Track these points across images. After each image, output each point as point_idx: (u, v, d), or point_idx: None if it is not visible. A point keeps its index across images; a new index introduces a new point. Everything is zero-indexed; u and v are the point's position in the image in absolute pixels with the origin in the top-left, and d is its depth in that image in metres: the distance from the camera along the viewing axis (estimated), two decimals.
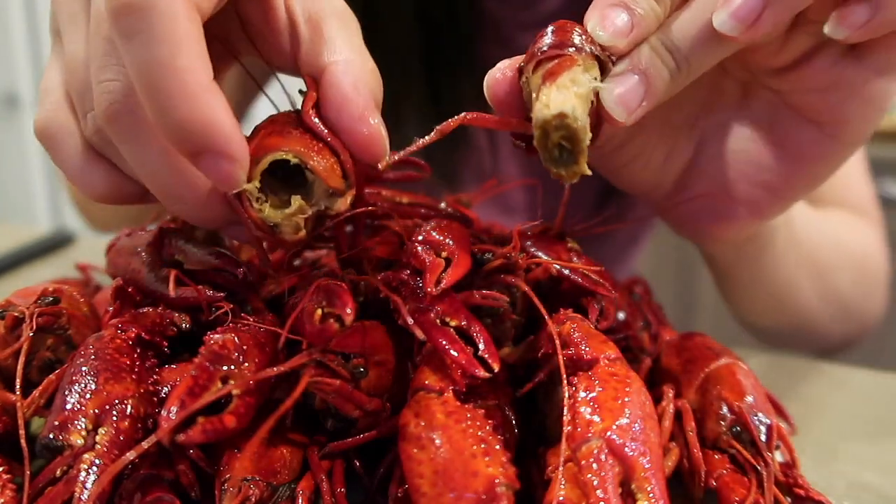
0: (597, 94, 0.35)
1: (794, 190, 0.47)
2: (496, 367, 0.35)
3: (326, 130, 0.37)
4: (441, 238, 0.40)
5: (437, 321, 0.36)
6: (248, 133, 0.37)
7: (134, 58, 0.31)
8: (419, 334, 0.35)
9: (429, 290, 0.36)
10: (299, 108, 0.39)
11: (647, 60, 0.36)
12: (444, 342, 0.35)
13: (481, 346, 0.35)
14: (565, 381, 0.34)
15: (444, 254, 0.39)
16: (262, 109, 0.50)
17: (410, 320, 0.36)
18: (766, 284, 0.64)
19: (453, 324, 0.36)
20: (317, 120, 0.38)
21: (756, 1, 0.34)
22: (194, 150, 0.32)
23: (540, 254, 0.44)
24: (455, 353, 0.34)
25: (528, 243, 0.45)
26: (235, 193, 0.35)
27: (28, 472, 0.35)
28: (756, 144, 0.46)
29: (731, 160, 0.46)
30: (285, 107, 0.41)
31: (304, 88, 0.39)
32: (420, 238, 0.40)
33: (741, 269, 0.61)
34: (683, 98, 0.46)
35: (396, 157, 0.38)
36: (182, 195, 0.36)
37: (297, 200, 0.36)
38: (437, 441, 0.32)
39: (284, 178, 0.37)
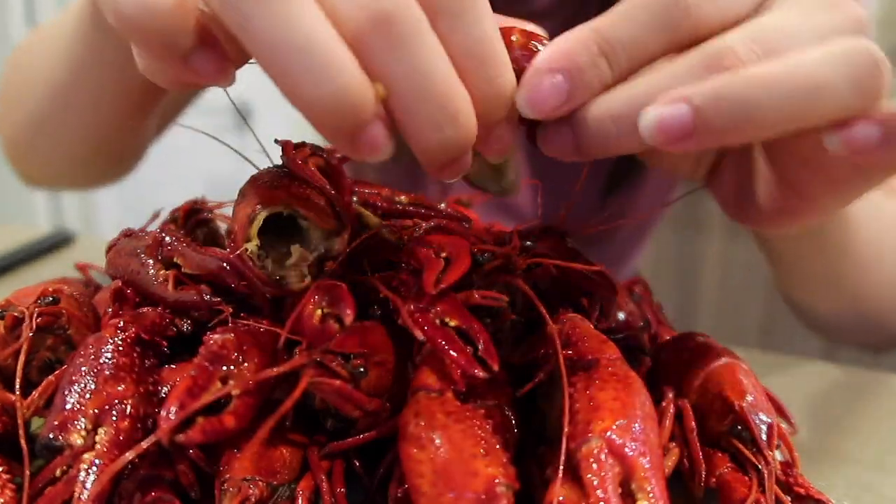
0: None
1: (854, 193, 0.40)
2: (496, 368, 0.35)
3: (313, 174, 0.39)
4: (441, 238, 0.40)
5: (437, 321, 0.36)
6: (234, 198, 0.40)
7: (463, 30, 0.32)
8: (418, 334, 0.35)
9: (428, 289, 0.36)
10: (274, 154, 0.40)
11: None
12: (443, 342, 0.35)
13: (481, 347, 0.35)
14: (566, 381, 0.34)
15: (443, 254, 0.39)
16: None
17: (409, 320, 0.36)
18: (828, 268, 0.60)
19: (453, 324, 0.36)
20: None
21: (684, 124, 0.31)
22: (501, 117, 0.34)
23: (540, 254, 0.44)
24: (454, 353, 0.34)
25: (529, 243, 0.45)
26: (237, 255, 0.37)
27: (28, 472, 0.35)
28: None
29: (788, 150, 0.41)
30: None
31: (279, 138, 0.42)
32: (419, 238, 0.40)
33: (801, 251, 0.58)
34: None
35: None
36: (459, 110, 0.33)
37: (297, 250, 0.38)
38: (437, 441, 0.32)
39: (280, 231, 0.38)
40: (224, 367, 0.35)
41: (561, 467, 0.31)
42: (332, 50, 0.29)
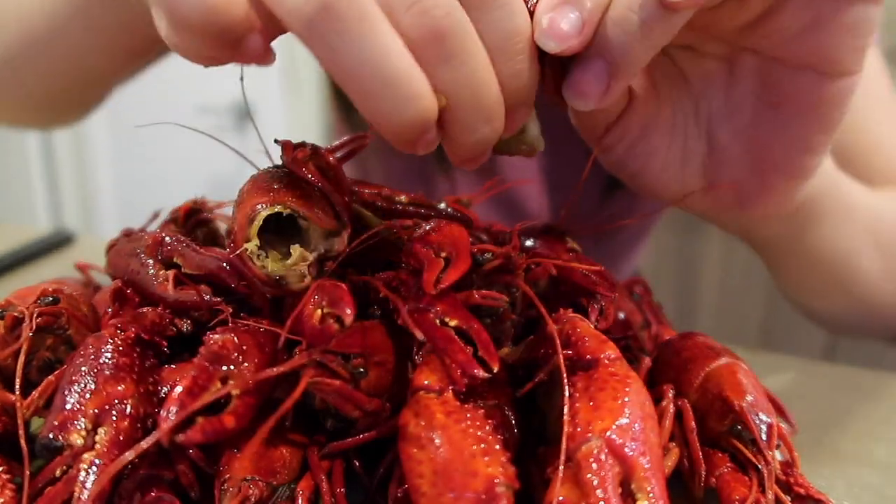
0: None
1: (816, 140, 0.45)
2: (495, 368, 0.34)
3: (313, 174, 0.40)
4: (440, 238, 0.40)
5: (437, 321, 0.36)
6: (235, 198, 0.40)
7: (497, 25, 0.34)
8: (418, 334, 0.35)
9: (428, 289, 0.36)
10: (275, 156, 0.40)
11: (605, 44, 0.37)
12: (443, 342, 0.35)
13: (480, 347, 0.35)
14: (565, 381, 0.34)
15: (443, 254, 0.39)
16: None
17: (409, 320, 0.36)
18: (822, 263, 0.61)
19: (452, 323, 0.36)
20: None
21: None
22: (525, 102, 0.37)
23: (540, 253, 0.44)
24: (454, 353, 0.34)
25: (528, 243, 0.45)
26: (237, 254, 0.37)
27: (27, 472, 0.35)
28: (762, 111, 0.45)
29: (745, 136, 0.46)
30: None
31: (279, 138, 0.42)
32: (419, 238, 0.40)
33: (793, 248, 0.59)
34: (676, 97, 0.46)
35: None
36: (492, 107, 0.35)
37: (296, 250, 0.37)
38: (437, 441, 0.32)
39: (279, 231, 0.38)
40: (224, 367, 0.35)
41: (561, 467, 0.31)
42: (413, 79, 0.32)
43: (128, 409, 0.35)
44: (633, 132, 0.46)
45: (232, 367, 0.35)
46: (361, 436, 0.39)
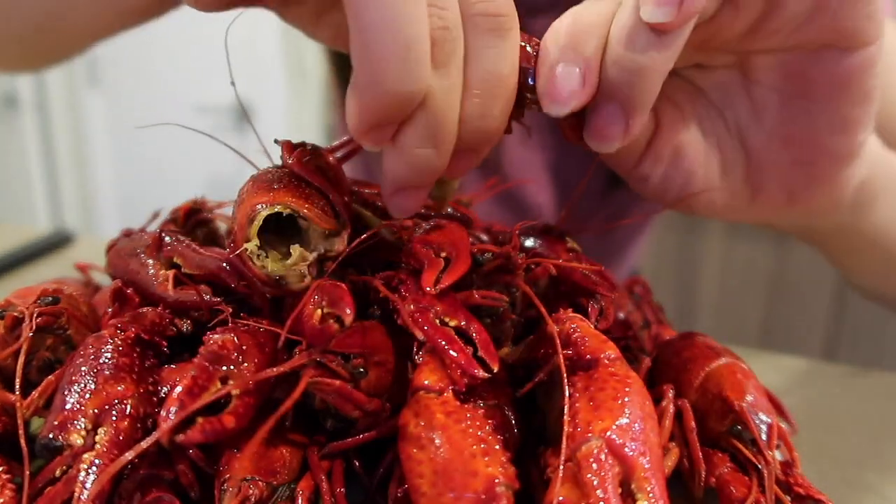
0: None
1: (854, 116, 0.44)
2: (495, 368, 0.35)
3: (313, 174, 0.40)
4: (440, 238, 0.40)
5: (437, 321, 0.36)
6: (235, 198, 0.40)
7: (482, 61, 0.35)
8: (418, 334, 0.35)
9: (427, 289, 0.36)
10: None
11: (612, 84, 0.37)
12: (442, 342, 0.35)
13: (480, 347, 0.35)
14: (565, 381, 0.34)
15: (442, 253, 0.39)
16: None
17: (409, 320, 0.36)
18: (884, 243, 0.60)
19: (452, 323, 0.36)
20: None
21: None
22: (481, 148, 0.38)
23: (540, 254, 0.44)
24: (454, 353, 0.34)
25: (528, 243, 0.45)
26: (237, 254, 0.37)
27: (27, 472, 0.35)
28: (791, 103, 0.44)
29: (780, 133, 0.45)
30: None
31: (279, 138, 0.42)
32: (418, 238, 0.40)
33: (852, 234, 0.58)
34: (700, 113, 0.46)
35: None
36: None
37: (296, 250, 0.37)
38: (437, 441, 0.32)
39: (279, 231, 0.38)
40: (224, 367, 0.35)
41: (561, 467, 0.31)
42: (426, 56, 0.32)
43: (128, 409, 0.35)
44: (666, 157, 0.45)
45: (232, 367, 0.35)
46: (361, 436, 0.39)
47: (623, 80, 0.36)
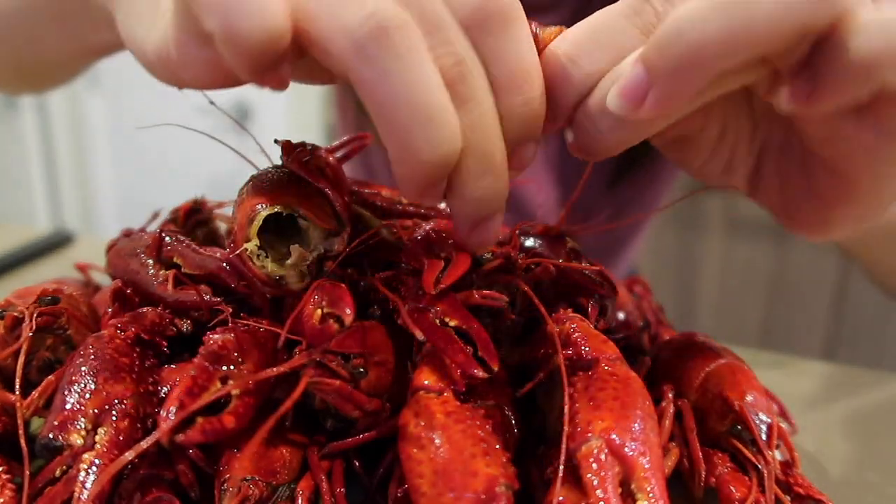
0: None
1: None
2: (495, 367, 0.35)
3: (313, 174, 0.40)
4: (439, 238, 0.40)
5: (436, 321, 0.36)
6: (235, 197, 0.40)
7: (507, 58, 0.33)
8: (418, 334, 0.35)
9: (428, 289, 0.36)
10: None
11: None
12: (442, 342, 0.35)
13: (480, 347, 0.35)
14: (566, 381, 0.34)
15: (442, 254, 0.39)
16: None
17: (409, 320, 0.36)
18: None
19: (452, 324, 0.36)
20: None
21: (639, 80, 0.31)
22: (532, 136, 0.35)
23: (540, 254, 0.44)
24: (454, 354, 0.34)
25: (529, 243, 0.45)
26: (237, 254, 0.37)
27: (27, 472, 0.35)
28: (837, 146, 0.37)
29: (798, 173, 0.40)
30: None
31: (278, 138, 0.42)
32: (419, 239, 0.40)
33: (871, 244, 0.57)
34: (731, 115, 0.41)
35: None
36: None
37: (296, 250, 0.37)
38: (437, 441, 0.32)
39: (279, 231, 0.38)
40: (224, 367, 0.35)
41: (561, 467, 0.31)
42: (450, 117, 0.31)
43: (128, 409, 0.35)
44: (668, 139, 0.42)
45: (232, 367, 0.35)
46: (361, 436, 0.39)
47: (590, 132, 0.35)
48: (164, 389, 0.39)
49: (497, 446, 0.32)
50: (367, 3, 0.29)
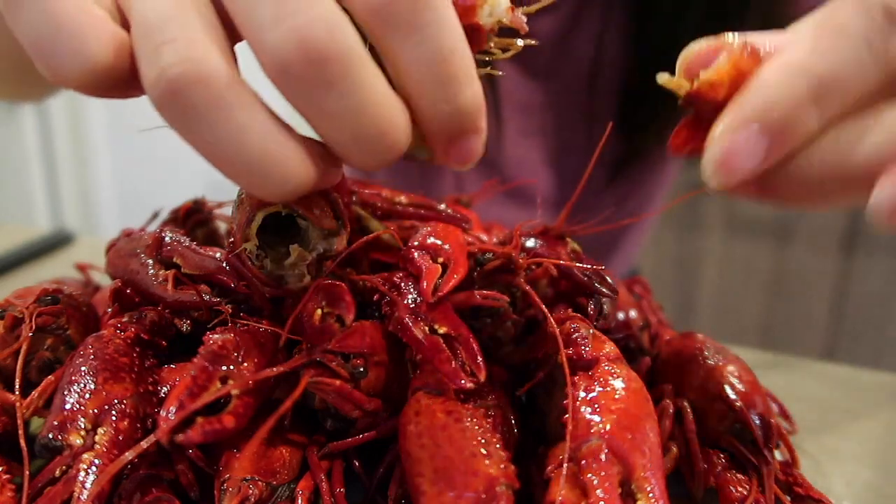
0: None
1: None
2: (481, 378, 0.34)
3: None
4: (438, 242, 0.40)
5: (426, 328, 0.35)
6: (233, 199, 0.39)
7: (428, 46, 0.29)
8: (406, 339, 0.36)
9: (426, 298, 0.36)
10: None
11: None
12: (429, 352, 0.35)
13: (462, 357, 0.35)
14: (569, 381, 0.34)
15: (440, 259, 0.39)
16: None
17: (398, 327, 0.36)
18: None
19: (441, 331, 0.35)
20: None
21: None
22: (461, 131, 0.31)
23: (540, 254, 0.44)
24: (440, 363, 0.34)
25: (529, 243, 0.45)
26: (236, 254, 0.37)
27: (27, 472, 0.35)
28: None
29: None
30: None
31: None
32: (416, 243, 0.40)
33: None
34: None
35: None
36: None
37: (295, 250, 0.37)
38: (437, 440, 0.32)
39: (279, 231, 0.38)
40: (224, 367, 0.35)
41: (565, 465, 0.31)
42: (277, 160, 0.29)
43: (127, 409, 0.35)
44: None
45: (232, 367, 0.35)
46: (361, 436, 0.39)
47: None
48: (164, 389, 0.39)
49: (497, 446, 0.32)
50: (177, 48, 0.27)
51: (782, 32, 0.31)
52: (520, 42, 0.36)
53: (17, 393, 0.39)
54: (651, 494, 0.30)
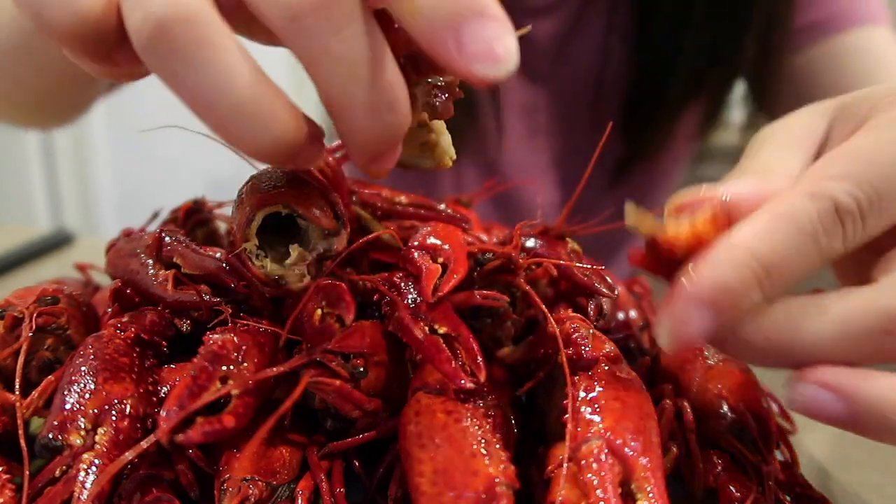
0: None
1: None
2: (481, 378, 0.34)
3: (312, 174, 0.39)
4: (437, 243, 0.40)
5: (426, 328, 0.36)
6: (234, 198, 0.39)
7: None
8: (406, 339, 0.36)
9: (427, 298, 0.36)
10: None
11: None
12: (429, 352, 0.35)
13: (462, 357, 0.35)
14: (569, 381, 0.34)
15: (440, 259, 0.39)
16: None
17: (398, 327, 0.36)
18: None
19: (441, 331, 0.35)
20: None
21: (837, 415, 0.30)
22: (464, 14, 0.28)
23: (540, 254, 0.44)
24: (440, 364, 0.34)
25: (529, 243, 0.45)
26: (236, 254, 0.37)
27: (27, 472, 0.35)
28: None
29: None
30: None
31: None
32: (416, 243, 0.40)
33: None
34: None
35: None
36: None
37: (295, 250, 0.37)
38: (437, 440, 0.32)
39: (279, 231, 0.38)
40: (224, 367, 0.35)
41: (563, 467, 0.31)
42: (271, 105, 0.28)
43: (127, 409, 0.35)
44: None
45: (232, 367, 0.35)
46: (361, 436, 0.39)
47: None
48: (164, 389, 0.39)
49: (497, 446, 0.32)
50: None
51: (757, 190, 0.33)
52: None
53: (17, 393, 0.39)
54: (651, 494, 0.30)
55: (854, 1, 0.81)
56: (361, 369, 0.37)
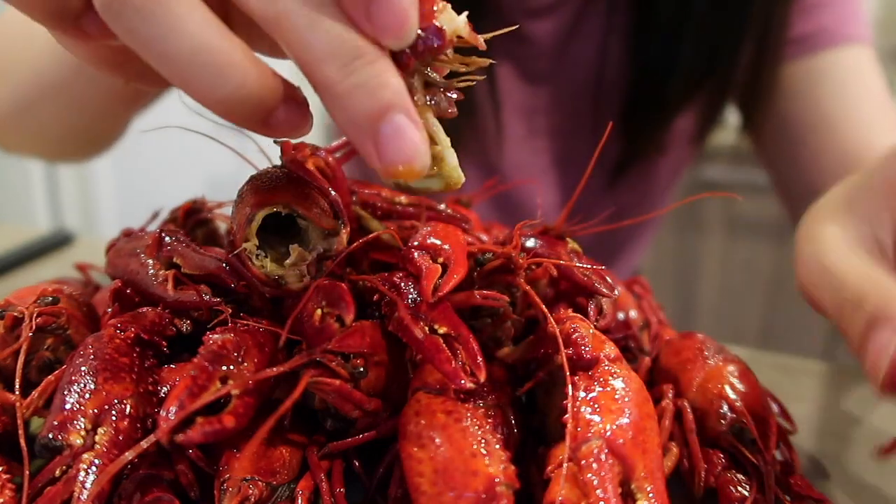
0: None
1: None
2: (481, 378, 0.34)
3: (312, 174, 0.39)
4: (437, 242, 0.40)
5: (426, 328, 0.35)
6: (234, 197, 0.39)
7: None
8: (406, 340, 0.36)
9: (426, 298, 0.36)
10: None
11: None
12: (429, 352, 0.35)
13: (462, 357, 0.35)
14: (569, 381, 0.34)
15: (440, 259, 0.39)
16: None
17: (399, 327, 0.36)
18: None
19: (441, 331, 0.35)
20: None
21: None
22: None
23: (540, 254, 0.44)
24: (440, 363, 0.34)
25: (529, 243, 0.45)
26: (236, 254, 0.36)
27: (27, 472, 0.35)
28: None
29: None
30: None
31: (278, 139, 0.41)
32: (416, 243, 0.40)
33: None
34: None
35: None
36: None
37: (295, 250, 0.37)
38: (437, 440, 0.32)
39: (279, 231, 0.38)
40: (224, 367, 0.35)
41: (566, 465, 0.31)
42: (227, 52, 0.28)
43: (127, 409, 0.35)
44: None
45: (232, 367, 0.35)
46: (361, 436, 0.39)
47: None
48: (164, 389, 0.39)
49: (497, 445, 0.32)
50: None
51: None
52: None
53: (17, 393, 0.39)
54: (651, 494, 0.30)
55: (840, 18, 0.82)
56: (361, 369, 0.37)
